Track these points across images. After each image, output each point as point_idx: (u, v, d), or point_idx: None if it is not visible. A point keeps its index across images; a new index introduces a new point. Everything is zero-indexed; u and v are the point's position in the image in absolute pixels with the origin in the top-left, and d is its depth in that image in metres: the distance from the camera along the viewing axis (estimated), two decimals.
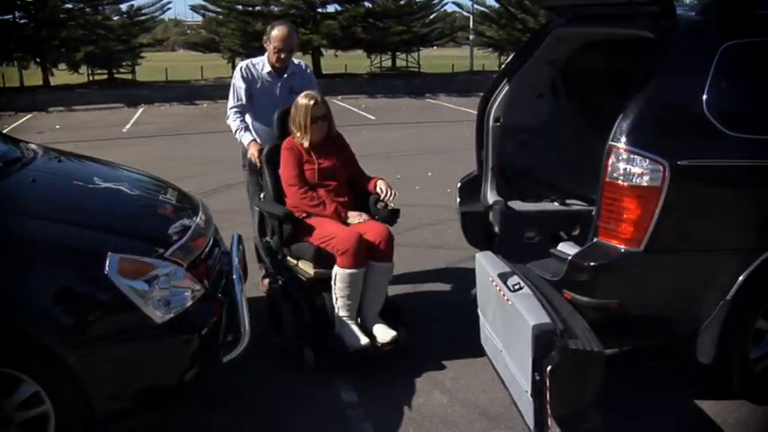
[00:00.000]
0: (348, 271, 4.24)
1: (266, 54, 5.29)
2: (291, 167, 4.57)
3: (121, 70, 25.45)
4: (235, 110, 5.25)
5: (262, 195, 4.91)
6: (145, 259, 3.27)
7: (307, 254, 4.44)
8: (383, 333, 4.30)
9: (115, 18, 24.76)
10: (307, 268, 4.47)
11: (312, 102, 4.57)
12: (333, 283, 4.29)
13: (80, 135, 14.24)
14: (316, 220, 4.47)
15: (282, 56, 5.21)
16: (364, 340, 4.25)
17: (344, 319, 4.31)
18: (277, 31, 5.18)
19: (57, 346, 3.04)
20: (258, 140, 5.11)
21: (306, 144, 4.60)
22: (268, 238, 4.75)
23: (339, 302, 4.32)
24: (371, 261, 4.32)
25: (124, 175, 4.38)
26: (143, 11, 25.48)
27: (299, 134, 4.61)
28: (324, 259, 4.36)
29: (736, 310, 3.68)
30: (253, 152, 4.99)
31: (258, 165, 4.90)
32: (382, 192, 4.68)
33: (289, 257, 4.58)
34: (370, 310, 4.41)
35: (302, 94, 4.67)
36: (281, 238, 4.47)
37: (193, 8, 27.30)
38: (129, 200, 3.98)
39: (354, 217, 4.52)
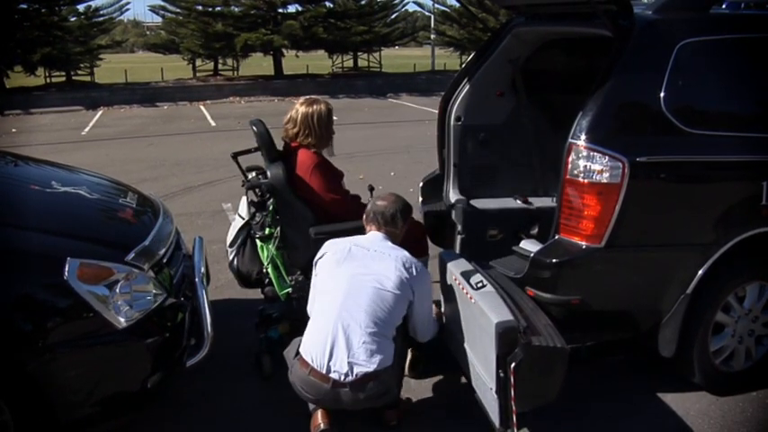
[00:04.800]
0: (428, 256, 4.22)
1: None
2: (337, 180, 4.27)
3: (80, 72, 24.99)
4: None
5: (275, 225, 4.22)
6: (105, 264, 3.22)
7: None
8: None
9: (72, 19, 24.31)
10: None
11: (329, 106, 4.29)
12: None
13: (38, 138, 14.00)
14: None
15: None
16: None
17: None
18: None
19: (16, 354, 2.99)
20: None
21: (331, 152, 4.35)
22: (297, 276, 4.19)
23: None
24: None
25: (83, 179, 4.32)
26: (101, 12, 25.07)
27: (321, 143, 4.26)
28: None
29: (697, 304, 3.75)
30: None
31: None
32: None
33: None
34: None
35: (308, 100, 4.31)
36: None
37: (152, 9, 27.01)
38: (88, 204, 3.92)
39: None
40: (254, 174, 4.33)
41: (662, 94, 3.65)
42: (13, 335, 3.00)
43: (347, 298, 3.52)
